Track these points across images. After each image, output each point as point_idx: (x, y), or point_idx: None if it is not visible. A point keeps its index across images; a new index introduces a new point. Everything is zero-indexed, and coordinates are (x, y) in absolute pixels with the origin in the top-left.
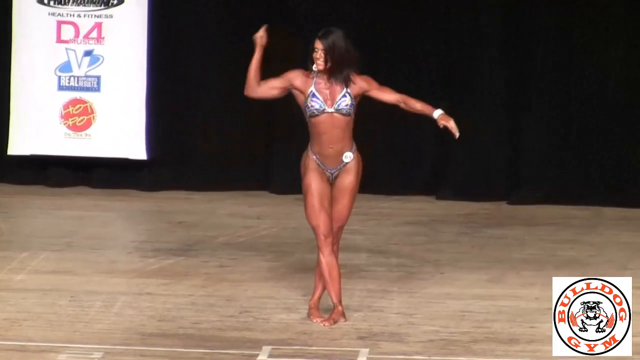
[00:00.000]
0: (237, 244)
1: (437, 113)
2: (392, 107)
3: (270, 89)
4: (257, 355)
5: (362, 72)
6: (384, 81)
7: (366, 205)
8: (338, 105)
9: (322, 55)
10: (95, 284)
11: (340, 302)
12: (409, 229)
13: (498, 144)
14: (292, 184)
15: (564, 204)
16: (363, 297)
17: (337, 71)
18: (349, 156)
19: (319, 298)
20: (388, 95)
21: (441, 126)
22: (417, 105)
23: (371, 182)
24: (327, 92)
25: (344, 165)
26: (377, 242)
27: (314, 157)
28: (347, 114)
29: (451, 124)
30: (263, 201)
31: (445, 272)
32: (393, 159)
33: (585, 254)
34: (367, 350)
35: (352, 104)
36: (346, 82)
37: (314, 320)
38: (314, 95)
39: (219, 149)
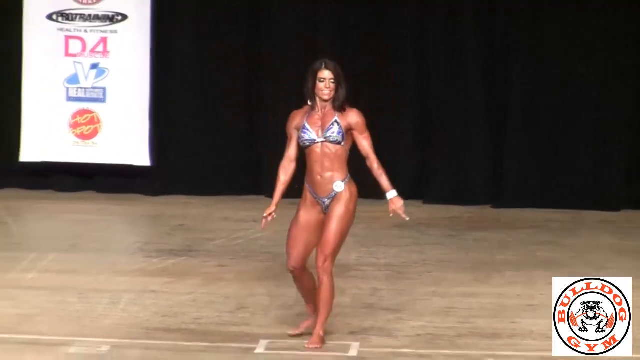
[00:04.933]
0: (235, 246)
1: (391, 195)
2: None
3: (293, 153)
4: (254, 348)
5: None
6: (367, 103)
7: (357, 210)
8: (327, 134)
9: (330, 85)
10: (101, 283)
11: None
12: (397, 232)
13: (482, 151)
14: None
15: (544, 208)
16: (354, 294)
17: (336, 100)
18: (339, 185)
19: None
20: (363, 145)
21: (391, 211)
22: (378, 173)
23: (361, 187)
24: (320, 122)
25: (335, 195)
26: (367, 244)
27: (307, 186)
28: (336, 142)
29: (400, 211)
30: (258, 205)
31: (431, 271)
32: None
33: (564, 255)
34: (358, 344)
35: (340, 132)
36: (340, 110)
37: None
38: (304, 127)
39: (217, 156)
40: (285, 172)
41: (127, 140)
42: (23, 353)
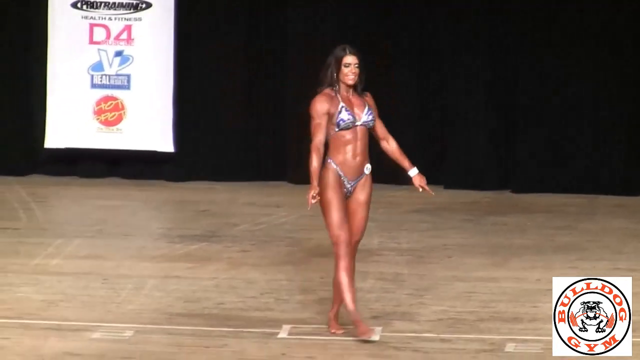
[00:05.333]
0: (257, 231)
1: (414, 172)
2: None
3: (324, 138)
4: (277, 333)
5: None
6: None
7: (377, 195)
8: (366, 118)
9: (355, 70)
10: (125, 268)
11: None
12: (417, 217)
13: (499, 136)
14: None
15: (561, 193)
16: (376, 279)
17: (359, 84)
18: (369, 168)
19: (338, 310)
20: (380, 128)
21: (418, 187)
22: (399, 152)
23: (382, 172)
24: (353, 106)
25: (362, 177)
26: (388, 229)
27: (337, 168)
28: (368, 126)
29: (426, 186)
30: (281, 190)
31: (451, 256)
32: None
33: (582, 239)
34: (380, 328)
35: (372, 116)
36: (361, 94)
37: (333, 332)
38: (345, 109)
39: (241, 142)
40: (320, 156)
41: (151, 127)
42: (47, 338)
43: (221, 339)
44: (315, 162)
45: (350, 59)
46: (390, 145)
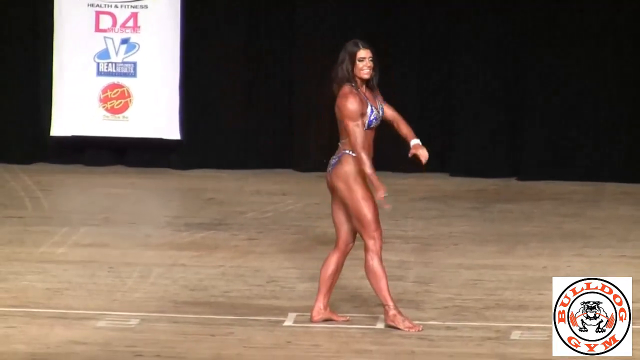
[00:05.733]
0: (264, 219)
1: (414, 142)
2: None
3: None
4: (283, 321)
5: None
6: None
7: (384, 182)
8: (382, 114)
9: (370, 63)
10: (131, 256)
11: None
12: (424, 204)
13: (505, 124)
14: (314, 163)
15: (568, 180)
16: None
17: (374, 78)
18: None
19: (329, 300)
20: (389, 111)
21: (410, 154)
22: (405, 129)
23: (389, 161)
24: (373, 102)
25: None
26: (394, 217)
27: None
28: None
29: (421, 152)
30: (287, 179)
31: (457, 243)
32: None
33: (588, 227)
34: (384, 316)
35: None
36: (374, 89)
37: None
38: (372, 107)
39: (245, 130)
40: (370, 157)
41: (158, 114)
42: (52, 327)
43: (227, 327)
44: (370, 163)
45: (364, 53)
46: (403, 122)
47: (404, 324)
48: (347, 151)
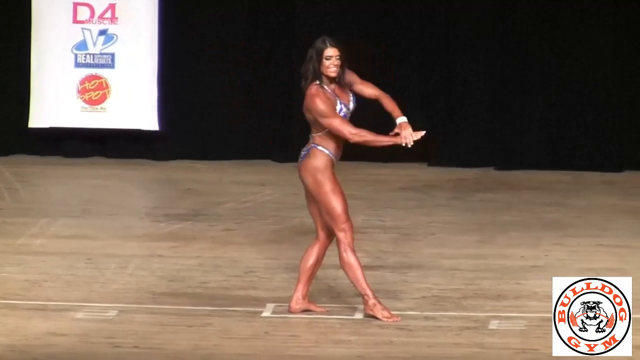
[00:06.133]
0: (242, 209)
1: (400, 119)
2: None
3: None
4: (261, 312)
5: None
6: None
7: (363, 172)
8: (352, 107)
9: (337, 62)
10: (110, 248)
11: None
12: (403, 194)
13: (486, 113)
14: (293, 153)
15: (548, 169)
16: (360, 257)
17: (342, 75)
18: None
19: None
20: (369, 90)
21: (392, 133)
22: (390, 105)
23: (368, 150)
24: (342, 98)
25: None
26: (373, 206)
27: (332, 156)
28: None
29: (403, 133)
30: (266, 169)
31: (436, 233)
32: (388, 129)
33: (568, 216)
34: (364, 306)
35: (355, 105)
36: (344, 85)
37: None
38: (341, 103)
39: (224, 120)
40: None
41: (136, 105)
42: (31, 319)
43: (205, 318)
44: (370, 136)
45: (331, 52)
46: (385, 96)
47: (382, 313)
48: (316, 145)
